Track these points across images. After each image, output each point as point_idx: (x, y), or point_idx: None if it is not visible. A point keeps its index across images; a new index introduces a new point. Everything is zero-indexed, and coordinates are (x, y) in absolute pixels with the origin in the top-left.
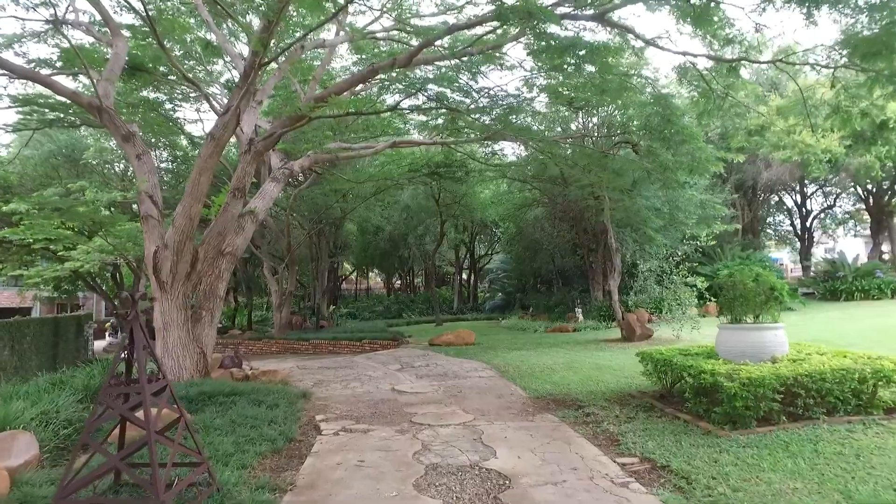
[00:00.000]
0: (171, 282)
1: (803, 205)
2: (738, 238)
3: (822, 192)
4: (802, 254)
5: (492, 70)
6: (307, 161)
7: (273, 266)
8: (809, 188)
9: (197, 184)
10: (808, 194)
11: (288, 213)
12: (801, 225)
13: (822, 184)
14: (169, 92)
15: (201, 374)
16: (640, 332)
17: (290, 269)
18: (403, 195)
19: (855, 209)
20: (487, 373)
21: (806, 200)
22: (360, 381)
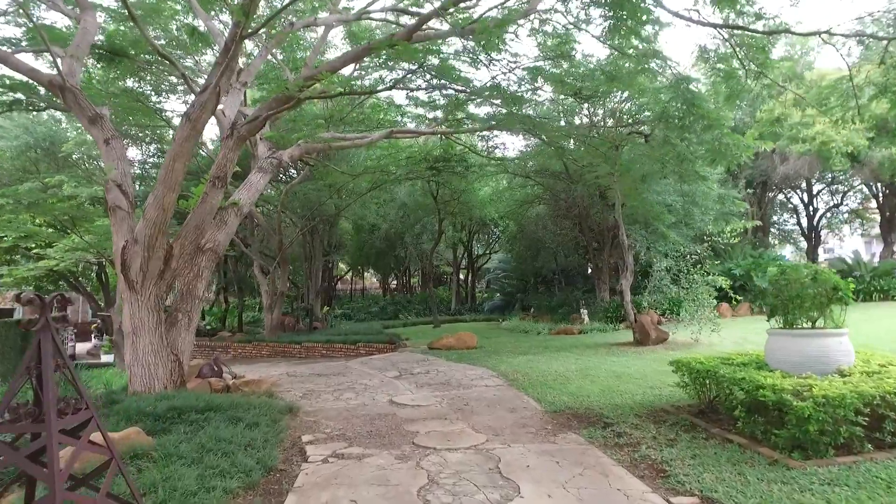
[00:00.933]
0: (142, 281)
1: (811, 203)
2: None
3: (829, 190)
4: (809, 253)
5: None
6: (297, 151)
7: (264, 265)
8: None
9: (171, 171)
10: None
11: (279, 209)
12: (808, 223)
13: (830, 181)
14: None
15: (176, 385)
16: (654, 335)
17: (281, 268)
18: (400, 192)
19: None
20: (494, 381)
21: (813, 198)
22: (354, 392)
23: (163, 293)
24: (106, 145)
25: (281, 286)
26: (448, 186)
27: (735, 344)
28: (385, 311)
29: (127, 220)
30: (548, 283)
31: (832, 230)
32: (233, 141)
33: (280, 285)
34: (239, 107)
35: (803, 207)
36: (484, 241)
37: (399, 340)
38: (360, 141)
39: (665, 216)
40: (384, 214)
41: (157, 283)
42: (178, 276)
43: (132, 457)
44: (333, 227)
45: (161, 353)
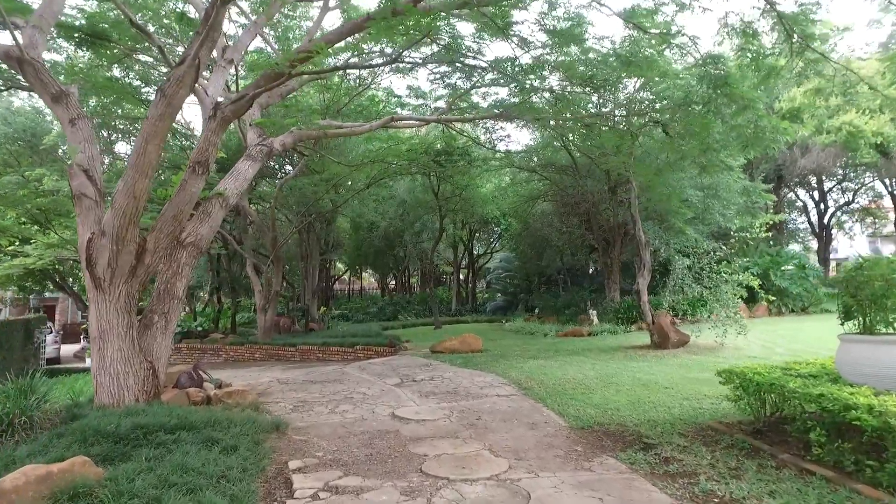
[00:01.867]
0: (110, 278)
1: (822, 200)
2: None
3: (840, 187)
4: (820, 253)
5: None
6: (290, 138)
7: (258, 264)
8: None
9: (143, 153)
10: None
11: (273, 204)
12: (819, 222)
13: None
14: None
15: (149, 396)
16: (674, 337)
17: (275, 266)
18: (399, 189)
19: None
20: (507, 390)
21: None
22: (351, 402)
23: (135, 292)
24: (71, 126)
25: (275, 286)
26: (450, 182)
27: (764, 348)
28: (384, 312)
29: (94, 209)
30: (552, 282)
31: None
32: (216, 122)
33: (275, 285)
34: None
35: (814, 205)
36: (484, 241)
37: (399, 343)
38: (359, 129)
39: (683, 211)
40: (383, 212)
41: (127, 281)
42: (153, 273)
43: (71, 497)
44: (331, 225)
45: (132, 361)
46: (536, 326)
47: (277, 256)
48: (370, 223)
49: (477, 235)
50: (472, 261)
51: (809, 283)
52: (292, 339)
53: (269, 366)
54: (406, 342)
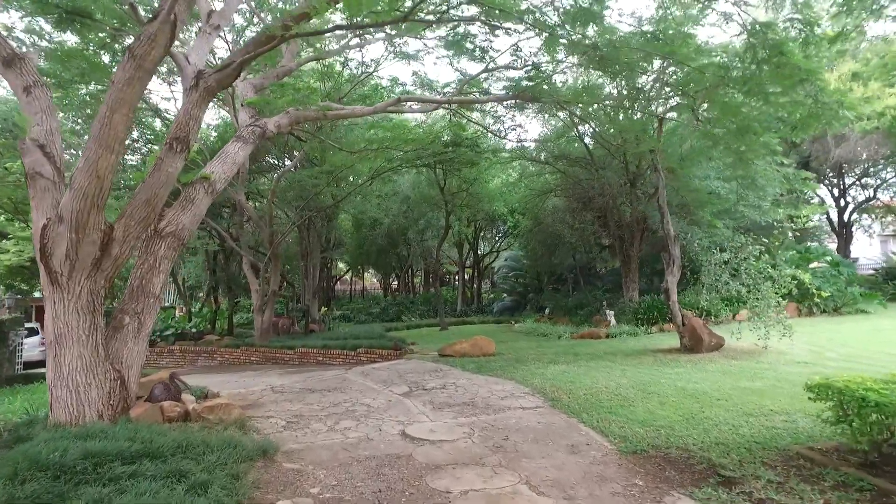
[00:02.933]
0: (69, 272)
1: (842, 196)
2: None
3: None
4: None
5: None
6: (286, 119)
7: (254, 262)
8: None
9: (107, 125)
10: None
11: (270, 198)
12: (838, 219)
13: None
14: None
15: (115, 412)
16: (708, 340)
17: (273, 265)
18: (403, 184)
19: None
20: (532, 401)
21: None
22: (354, 417)
23: (100, 289)
24: (26, 94)
25: (273, 285)
26: (457, 175)
27: (812, 352)
28: (386, 313)
29: (51, 191)
30: (562, 281)
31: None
32: (198, 94)
33: (272, 284)
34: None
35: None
36: (489, 239)
37: (404, 345)
38: (362, 111)
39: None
40: (386, 208)
41: (90, 276)
42: (122, 267)
43: None
44: (332, 222)
45: (95, 370)
46: (549, 328)
47: (275, 254)
48: (373, 220)
49: (482, 234)
50: (477, 260)
51: (842, 282)
52: (291, 341)
53: (266, 370)
54: (411, 344)
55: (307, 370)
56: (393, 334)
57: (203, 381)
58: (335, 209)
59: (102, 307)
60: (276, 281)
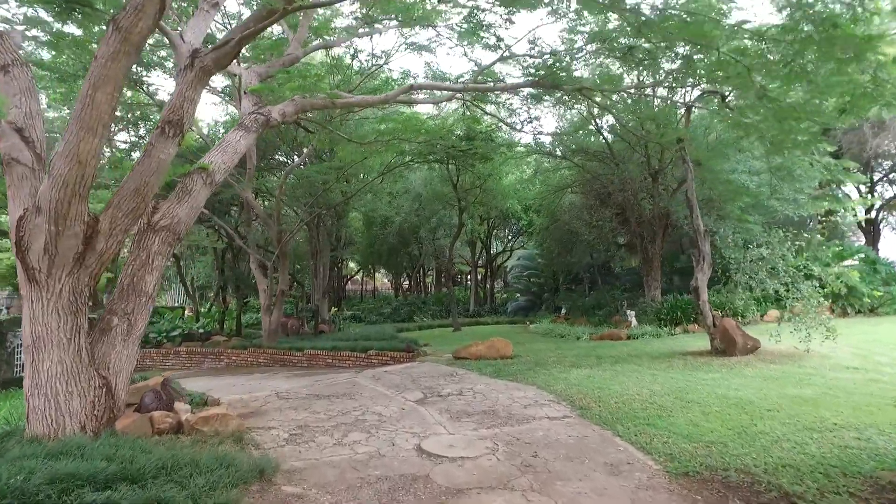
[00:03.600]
0: (48, 268)
1: (871, 192)
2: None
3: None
4: None
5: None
6: (291, 107)
7: (262, 260)
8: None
9: (90, 104)
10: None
11: (279, 194)
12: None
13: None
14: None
15: (100, 423)
16: (741, 342)
17: (281, 263)
18: (415, 181)
19: None
20: (558, 409)
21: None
22: (364, 428)
23: (84, 287)
24: (4, 74)
25: (281, 284)
26: (471, 171)
27: (858, 356)
28: (398, 313)
29: (30, 179)
30: (579, 281)
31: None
32: (193, 74)
33: (280, 283)
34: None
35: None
36: (502, 238)
37: (417, 347)
38: (372, 99)
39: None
40: (397, 206)
41: (72, 273)
42: (108, 263)
43: None
44: (342, 219)
45: (78, 377)
46: (566, 328)
47: (283, 252)
48: (384, 218)
49: (495, 233)
50: (489, 259)
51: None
52: (300, 342)
53: (273, 372)
54: (424, 346)
55: (316, 373)
56: (405, 335)
57: (207, 385)
58: (345, 207)
59: (86, 307)
60: (285, 280)
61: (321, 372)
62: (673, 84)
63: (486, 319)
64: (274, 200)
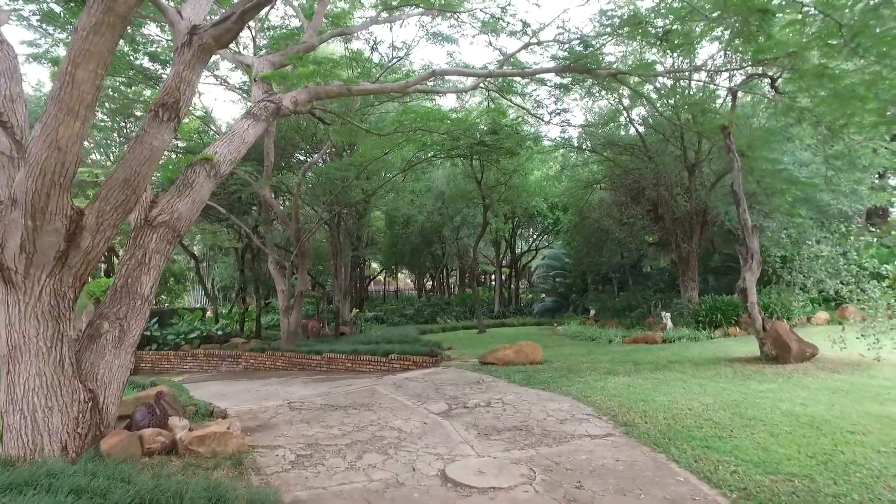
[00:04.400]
0: (25, 269)
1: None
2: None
3: None
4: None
5: None
6: (304, 94)
7: (280, 260)
8: None
9: (69, 83)
10: None
11: (297, 192)
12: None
13: None
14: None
15: (84, 442)
16: (797, 348)
17: (300, 263)
18: (437, 179)
19: None
20: (599, 425)
21: None
22: (381, 448)
23: (67, 290)
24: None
25: (300, 285)
26: (495, 167)
27: None
28: (421, 314)
29: (7, 168)
30: (608, 281)
31: None
32: (191, 52)
33: (299, 284)
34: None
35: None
36: (526, 238)
37: (440, 351)
38: (390, 87)
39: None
40: (420, 205)
41: (53, 274)
42: (95, 263)
43: None
44: (363, 218)
45: (59, 390)
46: (596, 331)
47: (302, 252)
48: (406, 217)
49: (520, 232)
50: (514, 259)
51: None
52: (319, 345)
53: (291, 377)
54: (448, 349)
55: (334, 378)
56: (428, 337)
57: (222, 390)
58: (366, 206)
59: (72, 312)
60: (304, 281)
61: (340, 377)
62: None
63: (512, 321)
64: (293, 199)
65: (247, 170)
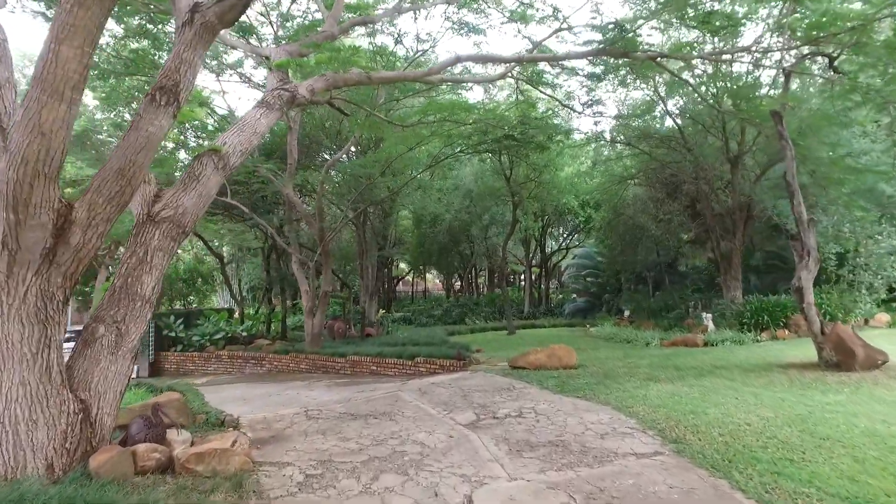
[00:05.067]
0: (7, 268)
1: None
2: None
3: None
4: None
5: None
6: (321, 82)
7: (304, 259)
8: None
9: (53, 61)
10: None
11: (320, 189)
12: None
13: None
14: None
15: (72, 458)
16: (864, 355)
17: (324, 263)
18: (465, 177)
19: None
20: (645, 441)
21: None
22: (400, 468)
23: (56, 290)
24: None
25: (324, 285)
26: (525, 162)
27: None
28: (449, 315)
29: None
30: (643, 280)
31: None
32: (193, 31)
33: (323, 284)
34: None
35: None
36: (556, 237)
37: (469, 354)
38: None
39: (850, 180)
40: (447, 203)
41: (40, 272)
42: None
43: None
44: (389, 217)
45: (45, 401)
46: (631, 332)
47: (326, 251)
48: (433, 216)
49: (550, 230)
50: (544, 258)
51: None
52: (343, 347)
53: (314, 380)
54: (476, 351)
55: (358, 382)
56: (455, 339)
57: (242, 394)
58: (392, 203)
59: (62, 315)
60: (328, 281)
61: (364, 381)
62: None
63: (542, 322)
64: (317, 198)
65: (270, 168)
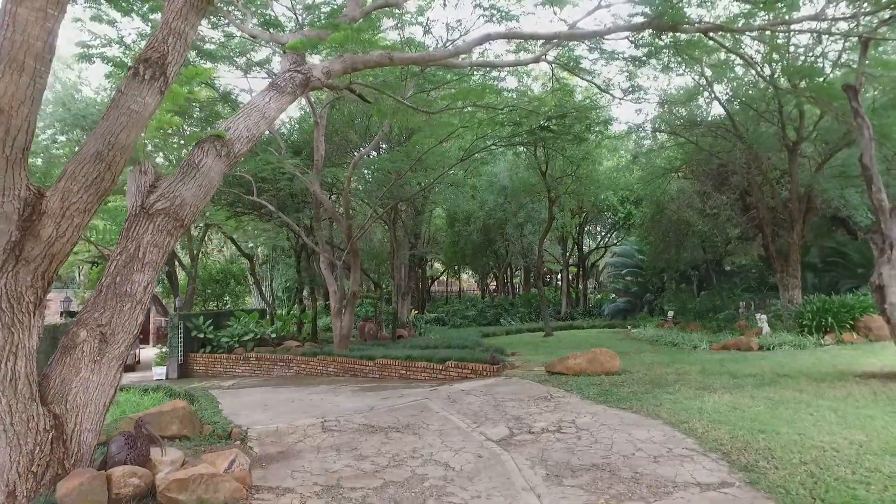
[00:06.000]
0: None
1: None
2: None
3: None
4: None
5: None
6: (339, 65)
7: (332, 259)
8: None
9: (9, 25)
10: None
11: (346, 185)
12: None
13: None
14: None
15: (39, 483)
16: None
17: (352, 262)
18: (499, 172)
19: None
20: (707, 466)
21: None
22: (418, 499)
23: (25, 290)
24: None
25: (353, 285)
26: (561, 155)
27: None
28: (483, 316)
29: None
30: (687, 279)
31: None
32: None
33: (352, 284)
34: None
35: None
36: (593, 235)
37: (503, 358)
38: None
39: None
40: (481, 200)
41: (5, 270)
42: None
43: None
44: (420, 215)
45: (10, 416)
46: (677, 335)
47: (354, 250)
48: (466, 214)
49: (588, 228)
50: (582, 257)
51: None
52: (371, 350)
53: (340, 384)
54: (511, 354)
55: (385, 387)
56: (490, 341)
57: (264, 399)
58: (423, 200)
59: (36, 318)
60: (357, 280)
61: (391, 385)
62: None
63: (581, 323)
64: (344, 194)
65: (295, 163)
